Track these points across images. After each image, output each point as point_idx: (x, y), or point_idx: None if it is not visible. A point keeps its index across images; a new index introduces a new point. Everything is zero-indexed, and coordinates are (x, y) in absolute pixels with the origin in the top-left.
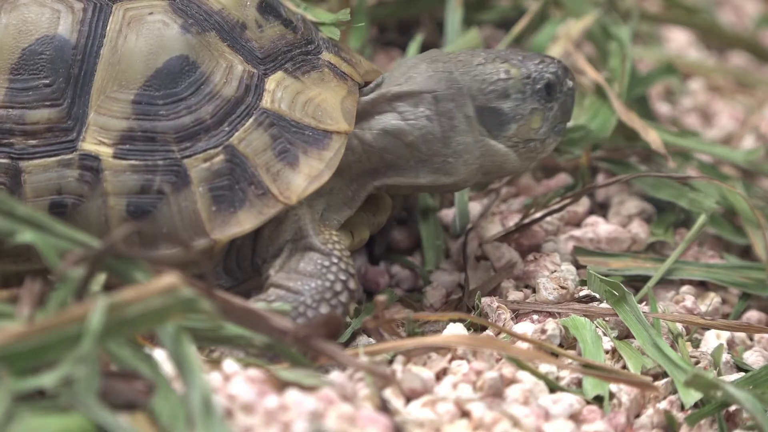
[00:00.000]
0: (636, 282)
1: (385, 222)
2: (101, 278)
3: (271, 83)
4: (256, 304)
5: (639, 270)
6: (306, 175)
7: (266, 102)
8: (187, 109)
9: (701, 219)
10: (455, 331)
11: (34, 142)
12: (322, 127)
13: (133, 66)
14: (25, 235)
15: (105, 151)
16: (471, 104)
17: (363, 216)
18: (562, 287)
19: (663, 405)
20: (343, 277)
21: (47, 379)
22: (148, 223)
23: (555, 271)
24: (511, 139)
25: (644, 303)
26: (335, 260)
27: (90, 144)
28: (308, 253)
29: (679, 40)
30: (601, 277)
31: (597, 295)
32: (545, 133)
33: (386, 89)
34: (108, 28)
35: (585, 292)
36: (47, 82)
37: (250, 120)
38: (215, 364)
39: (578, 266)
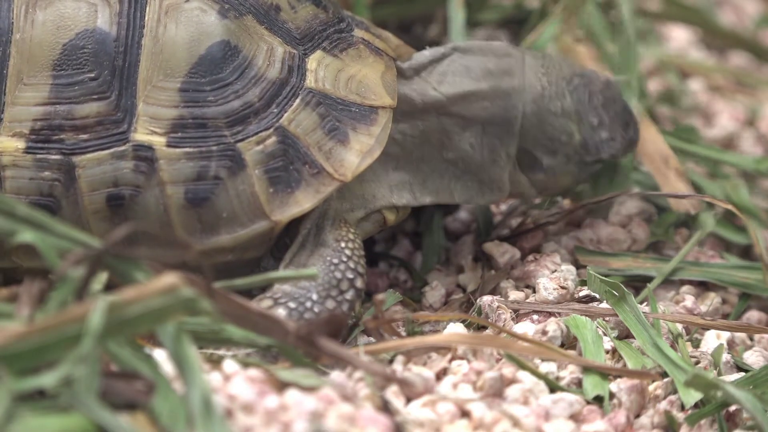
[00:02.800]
0: (636, 282)
1: None
2: (103, 277)
3: (312, 63)
4: (262, 303)
5: (639, 270)
6: (358, 152)
7: (310, 81)
8: (234, 93)
9: (696, 236)
10: (456, 330)
11: (85, 136)
12: (368, 103)
13: (177, 54)
14: (25, 235)
15: (158, 141)
16: (515, 143)
17: None
18: (562, 287)
19: (663, 405)
20: (350, 276)
21: (47, 379)
22: (208, 210)
23: (555, 271)
24: (533, 181)
25: (644, 303)
26: (345, 258)
27: (142, 134)
28: (319, 249)
29: (679, 40)
30: (601, 277)
31: (597, 295)
32: (569, 185)
33: (437, 97)
34: (146, 18)
35: (585, 292)
36: (92, 75)
37: (297, 100)
38: (215, 364)
39: (578, 266)
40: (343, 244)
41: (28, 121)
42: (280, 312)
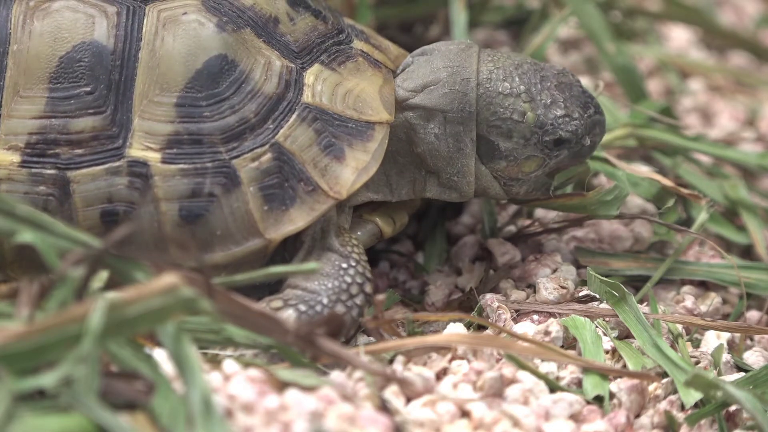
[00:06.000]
0: (637, 282)
1: (419, 204)
2: (103, 275)
3: (309, 77)
4: (271, 303)
5: (640, 270)
6: (353, 168)
7: (307, 96)
8: (230, 108)
9: (699, 220)
10: (456, 330)
11: (80, 151)
12: (365, 119)
13: (173, 68)
14: (25, 235)
15: (153, 157)
16: (475, 129)
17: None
18: (562, 287)
19: (663, 405)
20: (359, 281)
21: (47, 379)
22: (202, 227)
23: (555, 270)
24: (497, 172)
25: (645, 303)
26: (353, 263)
27: (137, 150)
28: (326, 254)
29: (679, 40)
30: (601, 278)
31: (597, 296)
32: (538, 176)
33: (403, 93)
34: (143, 30)
35: (585, 292)
36: (88, 89)
37: (294, 116)
38: (215, 364)
39: (578, 266)
40: (349, 249)
41: (24, 135)
42: (290, 313)
